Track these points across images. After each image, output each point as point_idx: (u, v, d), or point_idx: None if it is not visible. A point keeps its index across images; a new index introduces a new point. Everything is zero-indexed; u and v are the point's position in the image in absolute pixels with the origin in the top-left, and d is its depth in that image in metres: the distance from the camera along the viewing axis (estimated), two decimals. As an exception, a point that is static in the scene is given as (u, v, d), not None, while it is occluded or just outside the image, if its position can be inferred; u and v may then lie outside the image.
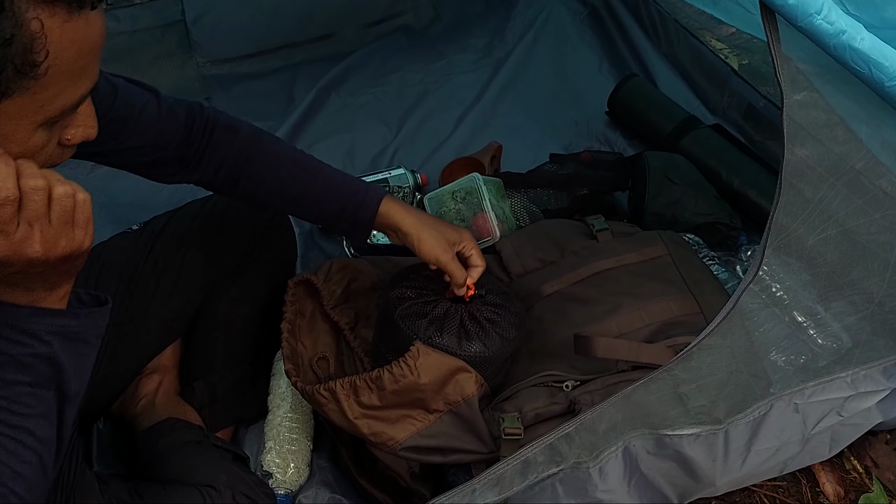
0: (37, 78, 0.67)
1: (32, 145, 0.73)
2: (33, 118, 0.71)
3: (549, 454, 1.09)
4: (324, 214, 1.19)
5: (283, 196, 1.17)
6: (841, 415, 1.24)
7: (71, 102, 0.73)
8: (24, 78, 0.67)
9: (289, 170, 1.16)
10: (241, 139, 1.14)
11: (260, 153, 1.15)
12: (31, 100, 0.69)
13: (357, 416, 1.12)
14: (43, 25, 0.66)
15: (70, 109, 0.74)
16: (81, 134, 0.78)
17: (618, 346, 1.14)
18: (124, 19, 2.17)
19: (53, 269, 0.73)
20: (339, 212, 1.17)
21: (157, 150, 1.10)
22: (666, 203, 1.67)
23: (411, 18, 2.48)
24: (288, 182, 1.16)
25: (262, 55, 2.31)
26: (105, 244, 1.31)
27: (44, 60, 0.67)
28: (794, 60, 0.95)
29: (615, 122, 2.11)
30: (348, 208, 1.16)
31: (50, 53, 0.67)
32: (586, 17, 2.46)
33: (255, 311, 1.37)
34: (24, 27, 0.65)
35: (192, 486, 1.06)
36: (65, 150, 0.79)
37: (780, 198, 1.01)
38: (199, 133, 1.12)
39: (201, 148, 1.12)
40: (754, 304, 1.11)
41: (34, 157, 0.74)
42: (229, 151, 1.13)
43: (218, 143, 1.13)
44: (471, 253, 1.20)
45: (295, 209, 1.22)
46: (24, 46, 0.65)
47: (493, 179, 1.66)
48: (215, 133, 1.13)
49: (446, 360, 1.12)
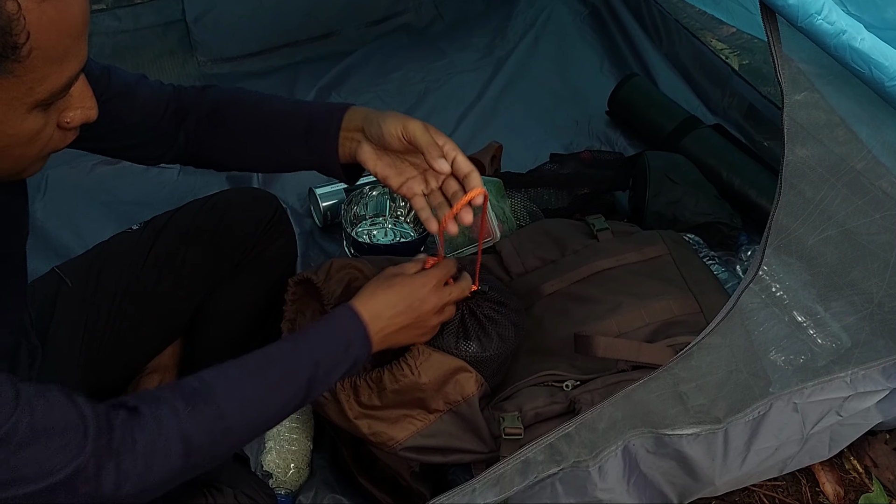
0: (20, 61, 0.67)
1: (28, 129, 0.73)
2: (23, 101, 0.70)
3: (549, 453, 1.09)
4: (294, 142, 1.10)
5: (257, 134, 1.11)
6: (840, 415, 1.24)
7: (59, 84, 0.72)
8: (6, 61, 0.66)
9: (267, 104, 1.12)
10: (222, 89, 1.13)
11: (241, 96, 1.13)
12: (18, 83, 0.68)
13: (357, 416, 1.12)
14: (20, 6, 0.65)
15: (60, 91, 0.73)
16: (80, 116, 0.78)
17: (618, 345, 1.14)
18: (125, 18, 2.17)
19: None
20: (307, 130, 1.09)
21: (151, 126, 1.10)
22: (666, 203, 1.67)
23: (412, 17, 2.48)
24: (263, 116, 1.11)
25: (263, 54, 2.31)
26: (106, 243, 1.31)
27: (25, 42, 0.66)
28: (795, 61, 0.95)
29: (616, 121, 2.11)
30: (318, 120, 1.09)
31: (31, 35, 0.66)
32: (587, 17, 2.46)
33: (256, 310, 1.37)
34: (0, 9, 0.64)
35: (194, 485, 1.06)
36: (66, 133, 0.79)
37: (781, 198, 1.01)
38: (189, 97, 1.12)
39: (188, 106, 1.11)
40: (754, 303, 1.11)
41: (33, 140, 0.74)
42: (210, 99, 1.12)
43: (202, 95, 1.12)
44: (454, 155, 1.05)
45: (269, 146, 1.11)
46: (1, 29, 0.64)
47: (493, 179, 1.66)
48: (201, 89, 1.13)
49: (446, 360, 1.12)
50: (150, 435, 0.79)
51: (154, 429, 0.80)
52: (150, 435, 0.79)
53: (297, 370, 0.92)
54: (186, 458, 0.82)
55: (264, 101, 1.13)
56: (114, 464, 0.76)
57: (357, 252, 1.66)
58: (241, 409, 0.87)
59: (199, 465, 0.84)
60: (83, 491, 0.75)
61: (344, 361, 0.97)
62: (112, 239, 1.32)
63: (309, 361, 0.93)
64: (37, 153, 0.77)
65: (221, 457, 0.88)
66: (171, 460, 0.80)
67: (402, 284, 1.04)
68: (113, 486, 0.76)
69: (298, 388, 0.92)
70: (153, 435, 0.79)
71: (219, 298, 1.35)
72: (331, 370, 0.95)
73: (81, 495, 0.75)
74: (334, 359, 0.96)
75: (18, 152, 0.75)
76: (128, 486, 0.77)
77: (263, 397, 0.89)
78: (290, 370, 0.92)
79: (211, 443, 0.84)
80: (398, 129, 1.04)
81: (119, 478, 0.77)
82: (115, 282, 1.26)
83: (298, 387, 0.92)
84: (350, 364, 0.97)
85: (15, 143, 0.73)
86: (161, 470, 0.80)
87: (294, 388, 0.92)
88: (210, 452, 0.85)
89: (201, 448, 0.83)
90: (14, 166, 0.77)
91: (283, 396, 0.91)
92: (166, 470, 0.80)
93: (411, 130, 1.04)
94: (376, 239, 1.72)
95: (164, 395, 0.83)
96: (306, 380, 0.92)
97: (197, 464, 0.84)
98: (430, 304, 1.05)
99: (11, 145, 0.73)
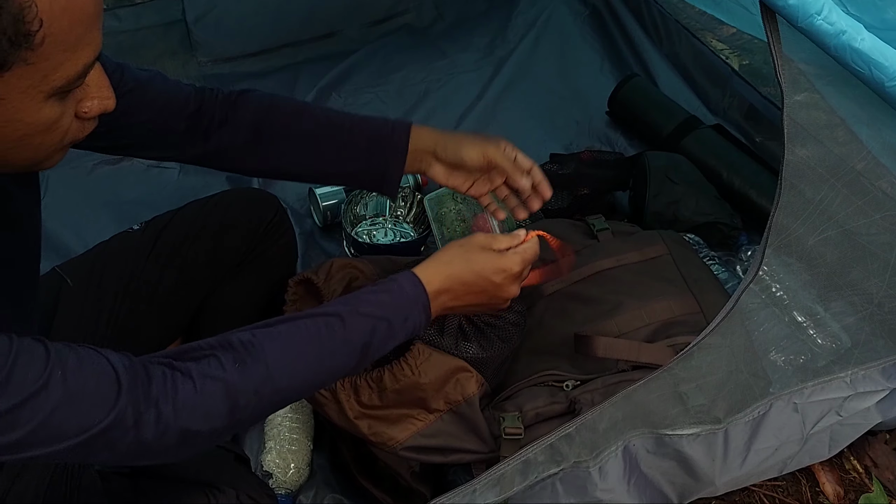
0: (33, 48, 0.67)
1: (45, 118, 0.73)
2: (39, 89, 0.71)
3: (550, 454, 1.10)
4: (354, 155, 1.12)
5: (308, 145, 1.12)
6: (840, 415, 1.24)
7: (75, 72, 0.72)
8: (20, 49, 0.66)
9: (310, 114, 1.13)
10: (257, 97, 1.13)
11: (279, 103, 1.13)
12: (33, 70, 0.69)
13: (357, 416, 1.12)
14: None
15: (76, 79, 0.73)
16: (98, 105, 0.78)
17: (618, 345, 1.15)
18: (126, 18, 2.17)
19: None
20: (369, 146, 1.11)
21: (167, 123, 1.09)
22: (666, 203, 1.67)
23: (413, 17, 2.48)
24: (311, 126, 1.12)
25: (264, 54, 2.31)
26: (107, 243, 1.32)
27: (38, 30, 0.66)
28: (795, 61, 0.95)
29: (616, 121, 2.11)
30: (382, 136, 1.10)
31: (44, 23, 0.66)
32: (588, 17, 2.46)
33: (256, 310, 1.37)
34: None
35: (196, 485, 1.06)
36: (84, 123, 0.79)
37: (781, 198, 1.01)
38: (215, 102, 1.11)
39: (220, 114, 1.11)
40: (754, 303, 1.11)
41: (51, 129, 0.75)
42: (249, 108, 1.11)
43: (237, 105, 1.11)
44: (514, 154, 1.10)
45: (322, 159, 1.13)
46: (13, 17, 0.64)
47: (493, 179, 1.66)
48: (232, 97, 1.12)
49: (447, 360, 1.12)
50: (193, 386, 0.78)
51: (199, 381, 0.79)
52: (193, 386, 0.78)
53: (353, 336, 0.90)
54: (231, 415, 0.81)
55: (307, 112, 1.13)
56: (153, 412, 0.76)
57: (357, 252, 1.66)
58: (290, 372, 0.85)
59: (243, 422, 0.84)
60: (124, 441, 0.75)
61: (401, 331, 0.94)
62: (113, 239, 1.32)
63: (366, 328, 0.90)
64: (56, 143, 0.77)
65: (265, 415, 0.87)
66: (215, 415, 0.80)
67: (484, 263, 1.00)
68: (154, 435, 0.76)
69: (352, 354, 0.90)
70: (197, 386, 0.78)
71: (219, 298, 1.35)
72: (387, 338, 0.93)
73: (123, 446, 0.75)
74: (391, 326, 0.92)
75: (37, 141, 0.75)
76: (169, 435, 0.77)
77: (314, 362, 0.87)
78: (345, 336, 0.89)
79: (258, 402, 0.83)
80: (478, 156, 1.10)
81: (161, 426, 0.76)
82: (117, 281, 1.27)
83: (352, 353, 0.90)
84: (407, 333, 0.95)
85: (33, 132, 0.73)
86: (204, 422, 0.79)
87: (347, 355, 0.90)
88: (255, 411, 0.84)
89: (247, 406, 0.82)
90: (34, 155, 0.77)
91: (335, 361, 0.89)
92: (210, 422, 0.80)
93: (491, 156, 1.10)
94: (376, 239, 1.72)
95: (212, 351, 0.82)
96: (361, 346, 0.90)
97: (241, 420, 0.83)
98: (504, 293, 1.02)
99: (30, 134, 0.73)
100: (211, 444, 0.83)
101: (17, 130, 0.72)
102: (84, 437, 0.73)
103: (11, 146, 0.74)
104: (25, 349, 0.71)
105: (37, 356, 0.71)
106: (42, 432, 0.71)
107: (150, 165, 1.90)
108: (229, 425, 0.82)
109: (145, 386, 0.76)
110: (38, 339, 0.73)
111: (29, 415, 0.69)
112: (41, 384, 0.70)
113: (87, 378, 0.74)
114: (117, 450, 0.76)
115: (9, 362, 0.69)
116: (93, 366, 0.75)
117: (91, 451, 0.75)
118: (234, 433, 0.85)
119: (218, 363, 0.81)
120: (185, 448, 0.80)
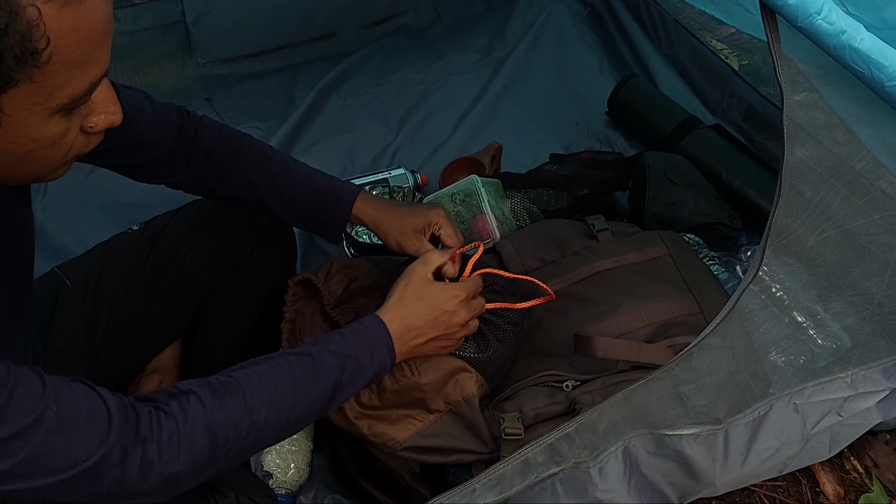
0: (39, 66, 0.67)
1: (51, 133, 0.73)
2: (45, 106, 0.70)
3: (549, 454, 1.09)
4: (301, 210, 1.21)
5: (263, 189, 1.19)
6: (840, 415, 1.24)
7: (81, 90, 0.72)
8: (26, 67, 0.66)
9: (271, 164, 1.20)
10: (224, 136, 1.19)
11: (244, 148, 1.19)
12: (39, 88, 0.68)
13: (357, 416, 1.12)
14: (40, 12, 0.65)
15: (82, 96, 0.73)
16: (105, 120, 0.78)
17: (618, 346, 1.14)
18: (125, 20, 2.17)
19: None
20: (317, 208, 1.20)
21: (154, 147, 1.13)
22: (666, 203, 1.67)
23: (412, 19, 2.49)
24: (268, 176, 1.19)
25: (263, 55, 2.31)
26: (106, 244, 1.31)
27: (45, 48, 0.66)
28: (795, 61, 0.95)
29: (615, 122, 2.11)
30: (325, 204, 1.20)
31: (51, 41, 0.66)
32: (586, 18, 2.46)
33: (256, 311, 1.37)
34: (20, 15, 0.64)
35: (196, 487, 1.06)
36: (90, 137, 0.79)
37: (780, 198, 1.01)
38: (189, 131, 1.16)
39: (190, 144, 1.16)
40: (754, 304, 1.11)
41: (56, 145, 0.75)
42: (216, 146, 1.17)
43: (204, 138, 1.17)
44: (439, 231, 1.19)
45: (274, 203, 1.21)
46: (21, 35, 0.64)
47: (491, 181, 1.66)
48: (200, 130, 1.17)
49: (446, 360, 1.12)
50: (176, 425, 0.80)
51: (181, 419, 0.80)
52: (177, 425, 0.80)
53: (323, 373, 0.94)
54: (212, 450, 0.82)
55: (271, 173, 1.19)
56: (140, 451, 0.77)
57: (357, 252, 1.66)
58: (267, 407, 0.87)
59: (223, 459, 0.85)
60: (108, 479, 0.76)
61: (368, 368, 0.98)
62: (112, 239, 1.32)
63: (335, 365, 0.95)
64: (60, 157, 0.77)
65: (245, 455, 0.88)
66: (197, 452, 0.81)
67: (432, 297, 1.05)
68: (137, 475, 0.77)
69: (324, 390, 0.93)
70: (179, 425, 0.80)
71: (219, 299, 1.35)
72: (356, 375, 0.97)
73: (106, 485, 0.76)
74: (359, 364, 0.97)
75: (42, 156, 0.75)
76: (152, 476, 0.78)
77: (289, 397, 0.90)
78: (316, 372, 0.93)
79: (236, 437, 0.85)
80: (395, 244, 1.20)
81: (144, 466, 0.77)
82: (116, 282, 1.26)
83: (324, 389, 0.93)
84: (374, 371, 0.99)
85: (38, 147, 0.73)
86: (186, 460, 0.81)
87: (320, 391, 0.93)
88: (235, 447, 0.85)
89: (227, 442, 0.84)
90: (39, 169, 0.78)
91: (309, 397, 0.92)
92: (191, 461, 0.81)
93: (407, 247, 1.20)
94: (376, 238, 1.72)
95: (190, 388, 0.84)
96: (332, 383, 0.94)
97: (220, 457, 0.84)
98: (458, 318, 1.06)
99: (35, 149, 0.73)
100: (190, 484, 0.84)
101: (23, 146, 0.72)
102: (72, 472, 0.73)
103: (17, 161, 0.74)
104: (23, 379, 0.71)
105: (33, 387, 0.72)
106: (32, 464, 0.71)
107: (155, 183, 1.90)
108: (210, 461, 0.83)
109: (134, 424, 0.78)
110: (34, 370, 0.73)
111: (21, 445, 0.70)
112: (36, 416, 0.70)
113: (80, 412, 0.75)
114: (101, 487, 0.76)
115: (6, 392, 0.69)
116: (86, 401, 0.76)
117: (75, 488, 0.75)
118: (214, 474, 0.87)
119: (198, 399, 0.83)
120: (166, 489, 0.81)
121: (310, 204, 1.20)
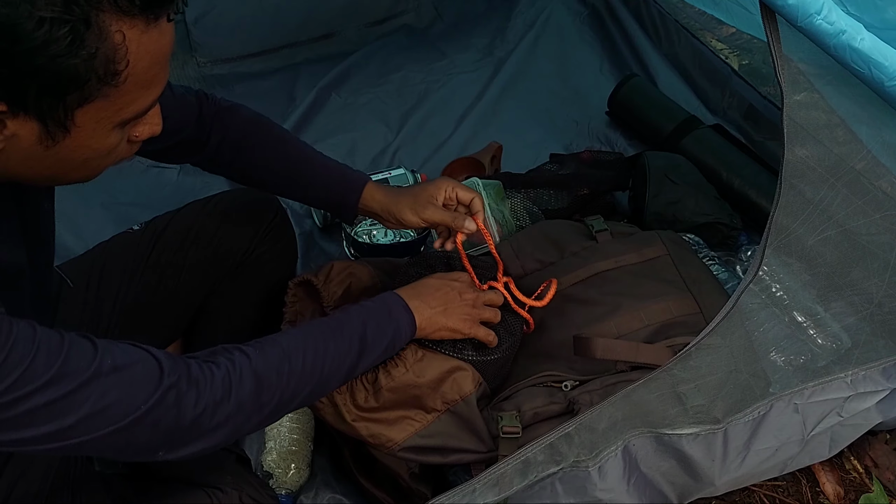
0: (117, 86, 0.73)
1: (109, 144, 0.80)
2: (111, 120, 0.77)
3: (549, 453, 1.09)
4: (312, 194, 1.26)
5: (276, 172, 1.23)
6: (840, 415, 1.24)
7: (144, 107, 0.79)
8: (105, 86, 0.72)
9: (285, 148, 1.23)
10: (241, 117, 1.22)
11: (260, 130, 1.23)
12: (110, 104, 0.74)
13: (355, 419, 1.12)
14: (125, 37, 0.71)
15: (143, 112, 0.79)
16: (148, 130, 0.84)
17: (617, 346, 1.14)
18: (125, 19, 2.17)
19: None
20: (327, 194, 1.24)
21: (175, 133, 1.14)
22: (666, 203, 1.67)
23: (412, 18, 2.49)
24: (283, 159, 1.23)
25: (263, 55, 2.31)
26: (107, 244, 1.31)
27: (124, 69, 0.72)
28: (795, 61, 0.95)
29: (615, 121, 2.11)
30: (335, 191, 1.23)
31: (130, 63, 0.72)
32: (587, 18, 2.46)
33: (256, 311, 1.37)
34: (108, 40, 0.70)
35: (198, 486, 1.06)
36: (132, 145, 0.85)
37: (780, 198, 1.01)
38: (209, 114, 1.19)
39: (209, 126, 1.19)
40: (754, 304, 1.11)
41: (110, 154, 0.82)
42: (232, 127, 1.20)
43: (222, 120, 1.20)
44: (454, 193, 1.21)
45: (285, 187, 1.26)
46: (107, 57, 0.70)
47: (492, 182, 1.66)
48: (219, 112, 1.20)
49: (442, 359, 1.12)
50: (226, 370, 0.86)
51: (229, 366, 0.86)
52: (227, 370, 0.86)
53: (348, 325, 1.01)
54: (258, 395, 0.87)
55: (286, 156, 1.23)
56: (194, 392, 0.82)
57: (357, 252, 1.66)
58: (303, 354, 0.93)
59: (266, 407, 0.89)
60: (165, 422, 0.80)
61: (388, 327, 1.04)
62: (113, 239, 1.32)
63: (358, 320, 1.02)
64: (110, 164, 0.84)
65: (283, 408, 0.92)
66: (245, 396, 0.86)
67: (440, 276, 1.16)
68: (194, 412, 0.82)
69: (351, 343, 0.99)
70: (229, 370, 0.86)
71: (219, 299, 1.35)
72: (378, 332, 1.03)
73: (163, 429, 0.80)
74: (378, 324, 1.03)
75: (96, 164, 0.82)
76: (205, 417, 0.83)
77: (321, 346, 0.96)
78: (341, 325, 1.00)
79: (278, 382, 0.90)
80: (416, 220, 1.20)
81: (199, 404, 0.82)
82: (117, 282, 1.27)
83: (351, 342, 0.99)
84: (393, 332, 1.05)
85: (96, 156, 0.81)
86: (235, 404, 0.85)
87: (347, 343, 0.99)
88: (277, 395, 0.90)
89: (270, 387, 0.89)
90: (89, 174, 0.84)
91: (339, 348, 0.98)
92: (238, 406, 0.85)
93: (428, 217, 1.19)
94: (376, 239, 1.72)
95: (231, 346, 0.90)
96: (358, 336, 1.00)
97: (265, 405, 0.89)
98: (467, 294, 1.13)
99: (93, 157, 0.80)
100: (239, 432, 0.88)
101: (83, 154, 0.79)
102: (133, 417, 0.77)
103: (73, 167, 0.81)
104: (75, 341, 0.77)
105: (86, 346, 0.77)
106: (97, 415, 0.76)
107: (149, 165, 1.89)
108: (255, 409, 0.88)
109: (185, 369, 0.83)
110: (81, 334, 0.78)
111: (85, 397, 0.75)
112: (93, 371, 0.75)
113: (134, 362, 0.80)
114: (158, 433, 0.80)
115: (62, 353, 0.74)
116: (136, 353, 0.81)
117: (134, 436, 0.79)
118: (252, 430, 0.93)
119: (241, 352, 0.89)
120: (217, 433, 0.85)
121: (323, 188, 1.24)
